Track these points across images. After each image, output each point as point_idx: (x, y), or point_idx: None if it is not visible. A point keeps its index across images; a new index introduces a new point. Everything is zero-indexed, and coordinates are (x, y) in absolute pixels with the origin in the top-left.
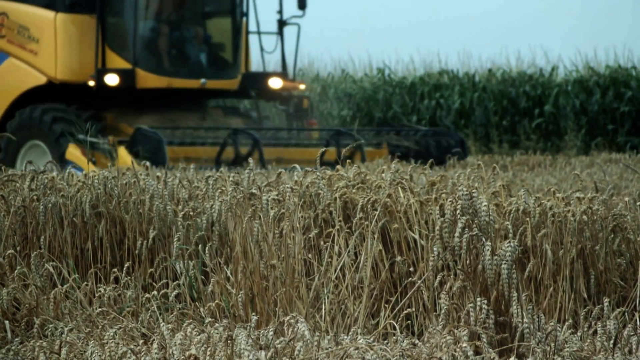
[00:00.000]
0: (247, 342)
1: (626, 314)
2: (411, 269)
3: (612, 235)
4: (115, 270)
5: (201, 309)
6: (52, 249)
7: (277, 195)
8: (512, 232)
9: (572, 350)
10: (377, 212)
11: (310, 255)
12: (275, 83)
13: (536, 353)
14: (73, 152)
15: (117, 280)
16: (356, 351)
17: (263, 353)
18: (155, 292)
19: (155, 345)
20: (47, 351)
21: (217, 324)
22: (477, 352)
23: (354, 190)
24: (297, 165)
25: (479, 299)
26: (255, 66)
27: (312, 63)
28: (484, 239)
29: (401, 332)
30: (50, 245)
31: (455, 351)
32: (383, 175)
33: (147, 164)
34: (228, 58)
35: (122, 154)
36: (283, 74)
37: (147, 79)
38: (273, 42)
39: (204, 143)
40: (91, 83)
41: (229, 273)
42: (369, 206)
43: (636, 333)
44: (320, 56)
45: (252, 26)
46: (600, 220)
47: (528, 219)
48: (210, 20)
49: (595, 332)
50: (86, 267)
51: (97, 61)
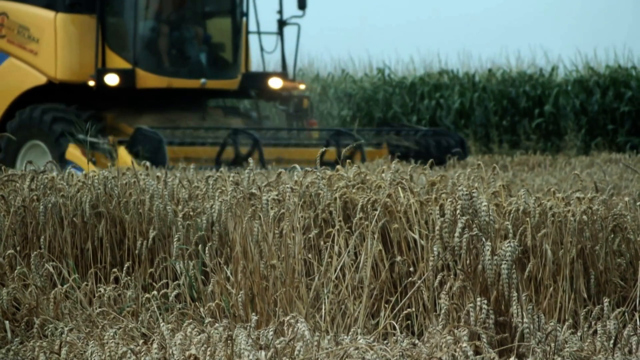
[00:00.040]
0: (247, 342)
1: (626, 314)
2: (411, 269)
3: (612, 235)
4: (115, 270)
5: (201, 309)
6: (52, 249)
7: (277, 195)
8: (512, 232)
9: (572, 350)
10: (377, 212)
11: (310, 255)
12: (275, 83)
13: (536, 353)
14: (73, 152)
15: (117, 280)
16: (356, 351)
17: (263, 353)
18: (155, 292)
19: (155, 345)
20: (47, 351)
21: (217, 324)
22: (477, 352)
23: (354, 190)
24: (297, 165)
25: (479, 299)
26: (255, 66)
27: (312, 63)
28: (484, 239)
29: (401, 332)
30: (50, 245)
31: (455, 351)
32: (383, 175)
33: (147, 164)
34: (228, 58)
35: (122, 154)
36: (283, 74)
37: (147, 79)
38: (273, 42)
39: (204, 143)
40: (91, 83)
41: (229, 273)
42: (369, 206)
43: (636, 333)
44: (320, 56)
45: (252, 26)
46: (600, 220)
47: (528, 219)
48: (210, 20)
49: (595, 332)
50: (86, 267)
51: (97, 61)
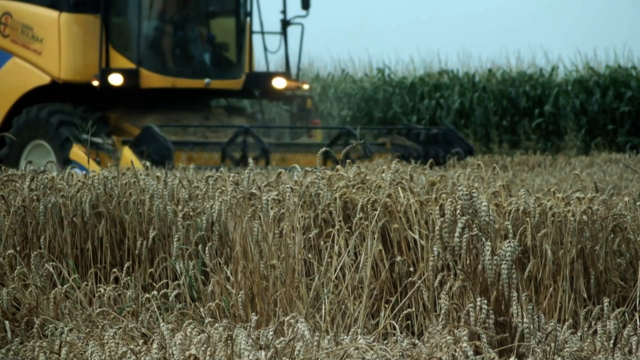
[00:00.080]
0: (247, 342)
1: (626, 314)
2: (411, 269)
3: (612, 235)
4: (115, 270)
5: (201, 309)
6: (52, 249)
7: (277, 195)
8: (512, 232)
9: (572, 350)
10: (377, 212)
11: (310, 255)
12: (279, 83)
13: (536, 353)
14: (77, 152)
15: (117, 280)
16: (356, 351)
17: (263, 353)
18: (155, 292)
19: (155, 345)
20: (47, 351)
21: (217, 324)
22: (477, 352)
23: (354, 190)
24: (297, 165)
25: (479, 299)
26: (258, 66)
27: (312, 63)
28: (484, 239)
29: (401, 332)
30: (50, 245)
31: (455, 351)
32: (383, 175)
33: (147, 163)
34: (232, 58)
35: (127, 154)
36: (286, 74)
37: (151, 79)
38: (276, 42)
39: (212, 149)
40: (95, 83)
41: (229, 273)
42: (369, 206)
43: (636, 333)
44: (320, 56)
45: (255, 26)
46: (600, 220)
47: (528, 219)
48: (214, 20)
49: (595, 332)
50: (86, 267)
51: (101, 61)
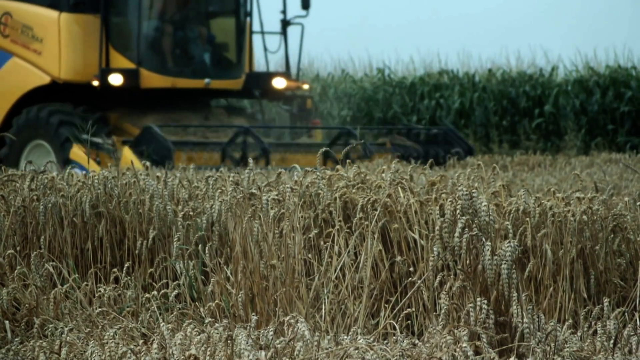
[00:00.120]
0: (247, 342)
1: (626, 314)
2: (411, 269)
3: (612, 235)
4: (115, 270)
5: (201, 309)
6: (52, 249)
7: (277, 195)
8: (512, 232)
9: (572, 350)
10: (377, 212)
11: (310, 255)
12: (279, 83)
13: (536, 353)
14: (77, 152)
15: (117, 280)
16: (356, 351)
17: (263, 353)
18: (155, 292)
19: (155, 345)
20: (47, 351)
21: (217, 324)
22: (477, 352)
23: (354, 190)
24: (297, 165)
25: (479, 299)
26: (258, 66)
27: (312, 63)
28: (484, 239)
29: (401, 332)
30: (50, 245)
31: (455, 351)
32: (383, 175)
33: (147, 163)
34: (232, 58)
35: (127, 153)
36: (286, 74)
37: (151, 79)
38: (276, 42)
39: (212, 149)
40: (95, 83)
41: (229, 273)
42: (369, 206)
43: (636, 333)
44: (320, 56)
45: (255, 26)
46: (600, 220)
47: (528, 219)
48: (214, 20)
49: (595, 332)
50: (86, 267)
51: (101, 61)
